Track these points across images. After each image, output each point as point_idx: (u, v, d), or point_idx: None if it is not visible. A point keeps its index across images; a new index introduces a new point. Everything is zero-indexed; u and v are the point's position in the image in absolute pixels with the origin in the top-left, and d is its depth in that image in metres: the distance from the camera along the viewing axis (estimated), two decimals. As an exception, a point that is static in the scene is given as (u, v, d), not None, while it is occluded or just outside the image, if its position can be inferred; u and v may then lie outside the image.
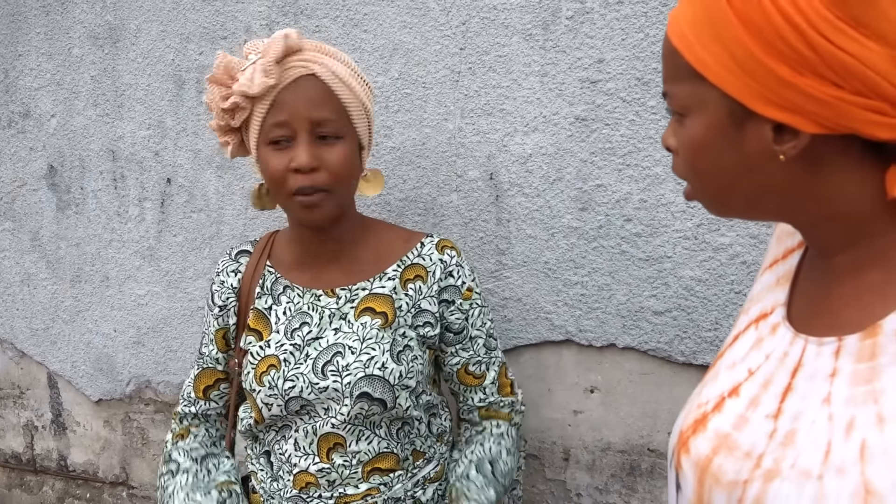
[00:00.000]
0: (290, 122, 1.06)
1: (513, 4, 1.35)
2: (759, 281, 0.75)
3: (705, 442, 0.65)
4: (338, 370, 1.09)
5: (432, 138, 1.45)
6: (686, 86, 0.61)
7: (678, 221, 1.29)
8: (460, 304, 1.18)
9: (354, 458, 1.11)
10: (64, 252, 1.90)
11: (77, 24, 1.77)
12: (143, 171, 1.76)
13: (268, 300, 1.19)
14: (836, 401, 0.57)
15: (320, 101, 1.07)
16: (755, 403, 0.63)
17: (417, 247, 1.19)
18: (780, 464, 0.58)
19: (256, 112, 1.07)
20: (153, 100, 1.72)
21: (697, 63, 0.59)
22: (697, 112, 0.61)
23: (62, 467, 2.06)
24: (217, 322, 1.23)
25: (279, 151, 1.07)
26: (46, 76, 1.84)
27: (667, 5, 1.25)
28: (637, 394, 1.37)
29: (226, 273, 1.23)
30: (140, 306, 1.82)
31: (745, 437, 0.62)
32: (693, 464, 0.65)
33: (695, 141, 0.62)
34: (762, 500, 0.57)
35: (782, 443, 0.59)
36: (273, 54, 1.05)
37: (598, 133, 1.33)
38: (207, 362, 1.25)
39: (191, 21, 1.64)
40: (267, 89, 1.05)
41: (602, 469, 1.43)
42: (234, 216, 1.67)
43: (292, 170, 1.06)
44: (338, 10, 1.49)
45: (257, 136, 1.08)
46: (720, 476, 0.62)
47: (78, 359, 1.94)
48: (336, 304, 1.15)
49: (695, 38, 0.59)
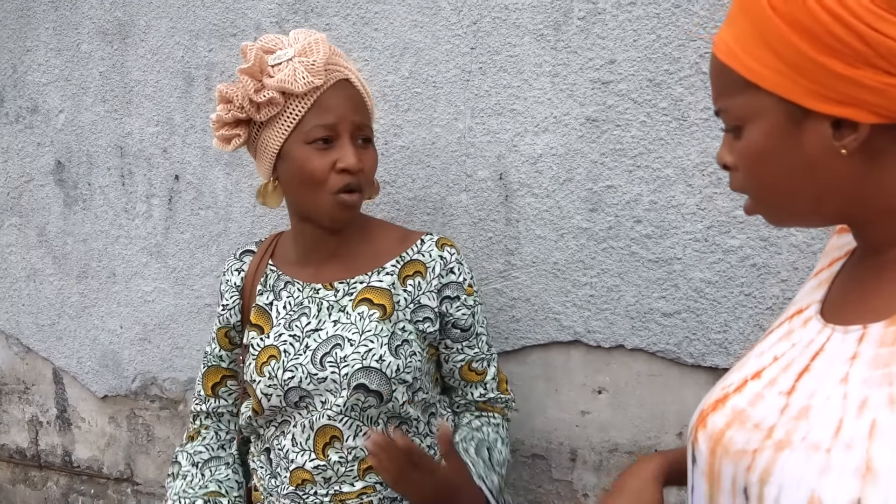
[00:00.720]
0: (336, 124, 1.09)
1: (524, 4, 1.35)
2: (806, 285, 0.78)
3: (721, 417, 0.68)
4: (336, 361, 1.10)
5: (442, 137, 1.45)
6: (740, 98, 0.63)
7: (688, 223, 1.29)
8: (465, 299, 1.19)
9: (350, 453, 1.11)
10: (70, 248, 1.90)
11: (86, 19, 1.77)
12: (151, 168, 1.76)
13: (269, 296, 1.21)
14: (854, 381, 0.60)
15: (360, 105, 1.13)
16: (773, 383, 0.66)
17: (417, 244, 1.20)
18: (792, 436, 0.61)
19: (291, 109, 1.08)
20: (162, 96, 1.71)
21: (749, 73, 0.61)
22: (754, 121, 0.63)
23: (67, 463, 2.06)
24: (219, 320, 1.27)
25: (321, 151, 1.09)
26: (55, 72, 1.84)
27: (679, 6, 1.25)
28: (645, 395, 1.37)
29: (231, 272, 1.27)
30: (147, 303, 1.82)
31: (757, 412, 0.65)
32: (708, 437, 0.69)
33: (755, 149, 0.64)
34: (771, 468, 0.60)
35: (795, 417, 0.62)
36: (321, 55, 1.07)
37: (609, 134, 1.33)
38: (211, 360, 1.28)
39: (200, 18, 1.64)
40: (311, 89, 1.07)
41: (609, 470, 1.43)
42: (241, 213, 1.67)
43: (339, 170, 1.09)
44: (348, 9, 1.49)
45: (288, 134, 1.09)
46: (729, 446, 0.65)
47: (84, 355, 1.94)
48: (334, 296, 1.17)
49: (743, 51, 0.62)
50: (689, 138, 1.28)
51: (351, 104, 1.11)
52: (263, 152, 1.13)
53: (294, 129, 1.09)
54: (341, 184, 1.09)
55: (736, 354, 1.28)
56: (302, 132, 1.08)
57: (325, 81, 1.08)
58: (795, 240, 1.23)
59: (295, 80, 1.05)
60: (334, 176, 1.09)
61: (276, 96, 1.06)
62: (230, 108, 1.11)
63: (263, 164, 1.15)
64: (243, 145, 1.16)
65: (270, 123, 1.10)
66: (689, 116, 1.27)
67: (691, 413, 1.34)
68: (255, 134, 1.13)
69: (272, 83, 1.06)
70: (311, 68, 1.06)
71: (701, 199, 1.28)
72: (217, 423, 1.28)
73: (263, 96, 1.07)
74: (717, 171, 1.26)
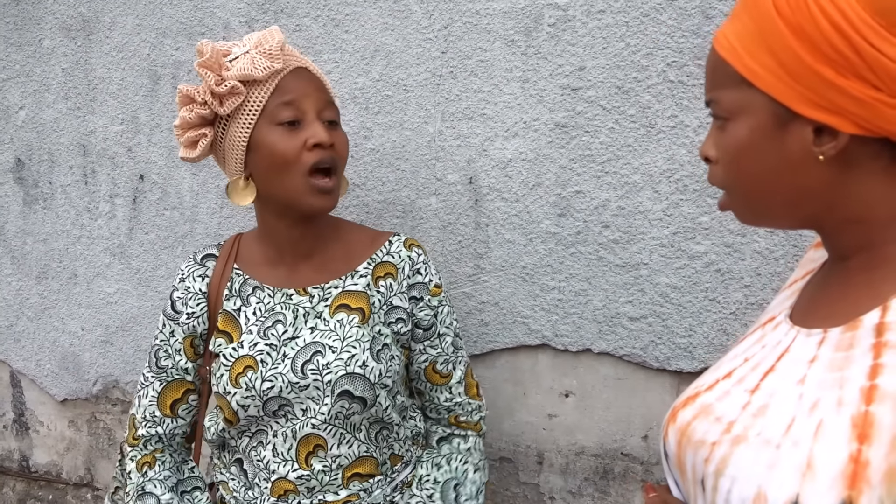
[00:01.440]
0: (300, 101, 1.08)
1: (495, 10, 1.36)
2: (776, 298, 0.81)
3: (690, 411, 0.72)
4: (318, 369, 1.08)
5: (412, 141, 1.45)
6: (732, 92, 0.66)
7: (655, 229, 1.31)
8: (428, 300, 1.19)
9: (335, 462, 1.10)
10: (30, 248, 1.85)
11: (48, 14, 1.73)
12: (115, 167, 1.72)
13: (236, 301, 1.17)
14: (810, 383, 0.63)
15: (322, 88, 1.13)
16: (740, 381, 0.70)
17: (385, 245, 1.19)
18: (748, 431, 0.64)
19: (254, 97, 1.08)
20: (127, 94, 1.68)
21: (746, 71, 0.64)
22: (743, 116, 0.66)
23: (24, 468, 2.01)
24: (183, 329, 1.18)
25: (290, 133, 1.08)
26: (15, 67, 1.79)
27: (648, 15, 1.27)
28: (611, 398, 1.39)
29: (192, 278, 1.20)
30: (109, 304, 1.78)
31: (721, 406, 0.69)
32: (676, 430, 0.72)
33: (739, 143, 0.67)
34: (727, 461, 0.64)
35: (754, 414, 0.65)
36: (276, 41, 1.08)
37: (578, 140, 1.34)
38: (173, 374, 1.19)
39: (167, 16, 1.61)
40: (271, 73, 1.07)
41: (575, 472, 1.44)
42: (208, 214, 1.65)
43: (310, 146, 1.07)
44: (319, 10, 1.48)
45: (255, 121, 1.08)
46: (692, 436, 0.69)
47: (43, 357, 1.90)
48: (309, 302, 1.15)
49: (743, 48, 0.64)
50: (656, 145, 1.29)
51: (313, 85, 1.11)
52: (232, 147, 1.10)
53: (260, 116, 1.08)
54: (314, 159, 1.07)
55: (700, 358, 1.31)
56: (268, 116, 1.08)
57: (284, 66, 1.09)
58: (759, 246, 1.26)
59: (255, 67, 1.06)
60: (306, 153, 1.07)
61: (238, 85, 1.06)
62: (193, 107, 1.09)
63: (233, 160, 1.12)
64: (209, 148, 1.13)
65: (235, 116, 1.09)
66: (656, 123, 1.29)
67: (657, 416, 1.36)
68: (220, 132, 1.11)
69: (232, 73, 1.07)
70: (268, 54, 1.07)
71: (667, 206, 1.30)
72: (169, 446, 1.21)
73: (225, 86, 1.06)
74: (683, 178, 1.28)
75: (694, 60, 1.25)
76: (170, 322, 1.20)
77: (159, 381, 1.20)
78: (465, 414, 1.23)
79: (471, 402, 1.24)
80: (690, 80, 1.26)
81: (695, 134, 1.27)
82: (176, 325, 1.19)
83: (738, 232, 1.26)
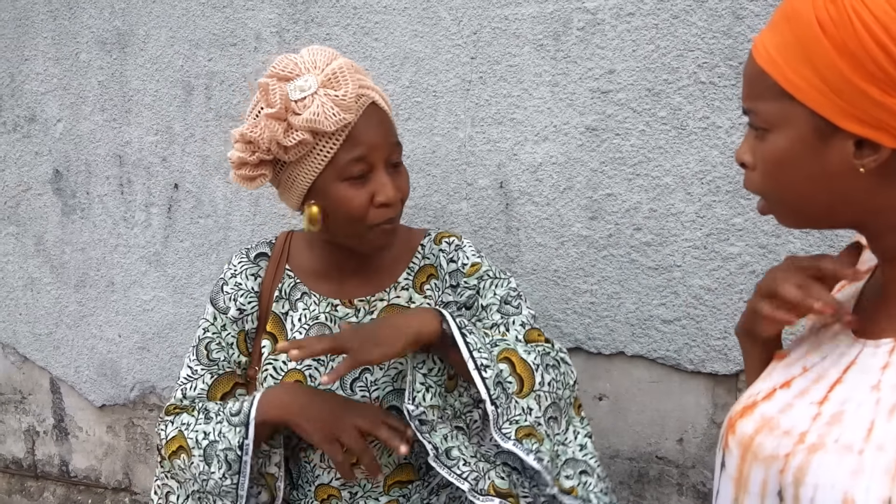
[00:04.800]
0: (369, 157, 1.02)
1: (524, 15, 1.37)
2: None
3: (750, 423, 0.71)
4: (366, 385, 1.09)
5: (443, 146, 1.46)
6: (772, 104, 0.66)
7: (687, 231, 1.31)
8: (465, 281, 1.16)
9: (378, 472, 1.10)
10: (69, 257, 1.89)
11: (85, 29, 1.77)
12: (151, 177, 1.76)
13: (285, 304, 1.16)
14: (885, 387, 0.63)
15: (390, 129, 1.07)
16: (804, 393, 0.69)
17: (420, 249, 1.18)
18: (825, 439, 0.64)
19: (322, 146, 1.01)
20: (161, 105, 1.72)
21: (788, 84, 0.64)
22: (783, 128, 0.66)
23: (63, 473, 2.05)
24: (235, 325, 1.16)
25: (357, 186, 1.03)
26: (53, 81, 1.84)
27: (678, 17, 1.27)
28: (645, 402, 1.38)
29: (244, 276, 1.18)
30: (145, 312, 1.82)
31: (787, 419, 0.68)
32: (738, 443, 0.72)
33: (779, 155, 0.67)
34: (805, 469, 0.63)
35: (828, 422, 0.65)
36: (350, 87, 0.99)
37: (609, 143, 1.34)
38: (224, 367, 1.17)
39: (200, 28, 1.65)
40: (343, 126, 1.00)
41: (610, 476, 1.43)
42: (241, 222, 1.67)
43: (378, 205, 1.03)
44: (349, 19, 1.50)
45: (320, 171, 1.03)
46: (759, 452, 0.69)
47: (81, 364, 1.94)
48: (356, 316, 1.14)
49: (784, 62, 0.64)
50: (687, 147, 1.29)
51: (382, 131, 1.04)
52: (291, 188, 1.07)
53: (327, 167, 1.02)
54: (382, 218, 1.04)
55: (736, 360, 1.30)
56: (336, 169, 1.01)
57: (356, 114, 1.01)
58: (794, 247, 1.24)
59: (326, 118, 0.97)
60: (374, 210, 1.03)
61: (307, 137, 0.99)
62: (255, 150, 1.03)
63: (292, 199, 1.09)
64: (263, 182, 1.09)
65: (300, 161, 1.03)
66: (687, 125, 1.28)
67: (692, 419, 1.36)
68: (279, 170, 1.06)
69: (301, 122, 0.98)
70: (340, 103, 0.98)
71: (700, 207, 1.29)
72: None
73: (293, 140, 0.99)
74: (715, 180, 1.28)
75: (725, 61, 1.25)
76: (221, 315, 1.17)
77: (210, 374, 1.17)
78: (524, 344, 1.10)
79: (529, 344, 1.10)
80: (722, 81, 1.25)
81: (727, 135, 1.26)
82: (227, 320, 1.17)
83: (773, 233, 1.25)
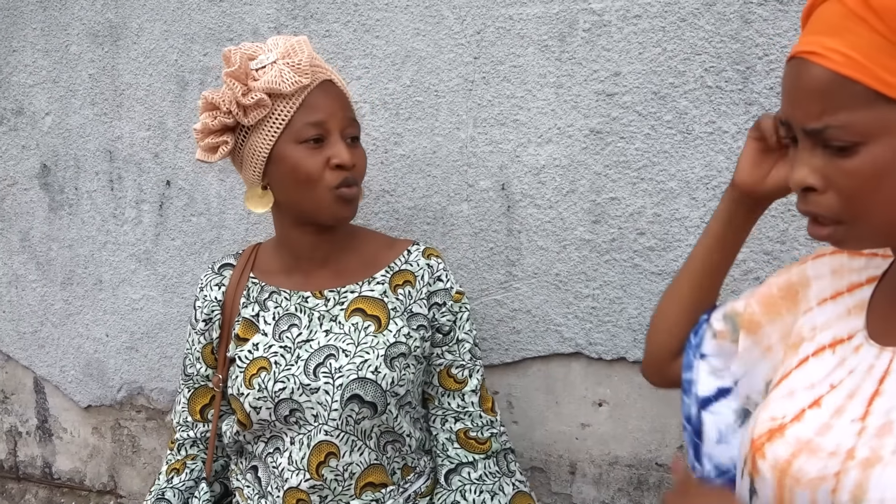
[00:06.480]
0: (326, 121, 1.09)
1: (529, 15, 1.35)
2: (821, 310, 0.77)
3: (783, 447, 0.67)
4: (330, 372, 1.09)
5: (443, 147, 1.43)
6: (864, 112, 0.60)
7: (692, 236, 1.29)
8: (451, 305, 1.19)
9: (346, 470, 1.09)
10: (55, 253, 1.85)
11: (76, 20, 1.73)
12: (142, 173, 1.72)
13: (254, 307, 1.18)
14: None
15: (347, 104, 1.14)
16: (840, 412, 0.65)
17: (404, 254, 1.20)
18: (879, 451, 0.60)
19: (280, 110, 1.08)
20: (154, 100, 1.68)
21: (882, 86, 0.59)
22: (881, 136, 0.60)
23: (46, 475, 2.00)
24: (202, 338, 1.22)
25: (313, 150, 1.09)
26: (42, 73, 1.79)
27: (685, 20, 1.25)
28: (646, 408, 1.37)
29: (209, 287, 1.23)
30: (134, 311, 1.78)
31: (828, 441, 0.64)
32: (771, 467, 0.67)
33: (880, 167, 0.60)
34: (865, 485, 0.59)
35: (877, 434, 0.61)
36: (305, 55, 1.08)
37: (613, 146, 1.32)
38: (198, 381, 1.24)
39: (196, 21, 1.61)
40: (299, 89, 1.07)
41: (609, 483, 1.42)
42: (235, 221, 1.64)
43: (333, 167, 1.09)
44: (349, 15, 1.47)
45: (278, 135, 1.09)
46: (800, 476, 0.64)
47: (67, 363, 1.89)
48: (325, 305, 1.15)
49: (871, 62, 0.59)
50: (693, 151, 1.28)
51: (338, 102, 1.12)
52: (252, 157, 1.12)
53: (284, 130, 1.09)
54: (338, 180, 1.09)
55: (738, 368, 1.29)
56: (292, 132, 1.08)
57: (312, 81, 1.09)
58: (798, 254, 1.24)
59: (282, 81, 1.06)
60: (329, 173, 1.09)
61: (264, 98, 1.06)
62: (217, 115, 1.09)
63: (252, 170, 1.13)
64: (229, 154, 1.14)
65: (258, 127, 1.10)
66: (693, 129, 1.27)
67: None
68: (241, 140, 1.12)
69: (259, 85, 1.06)
70: (296, 68, 1.07)
71: (705, 213, 1.28)
72: (203, 453, 1.24)
73: (251, 98, 1.06)
74: (721, 185, 1.27)
75: (732, 66, 1.24)
76: (192, 331, 1.24)
77: (188, 388, 1.24)
78: (475, 429, 1.18)
79: (482, 416, 1.19)
80: (729, 85, 1.24)
81: (733, 140, 1.25)
82: (196, 334, 1.23)
83: (777, 240, 1.25)
